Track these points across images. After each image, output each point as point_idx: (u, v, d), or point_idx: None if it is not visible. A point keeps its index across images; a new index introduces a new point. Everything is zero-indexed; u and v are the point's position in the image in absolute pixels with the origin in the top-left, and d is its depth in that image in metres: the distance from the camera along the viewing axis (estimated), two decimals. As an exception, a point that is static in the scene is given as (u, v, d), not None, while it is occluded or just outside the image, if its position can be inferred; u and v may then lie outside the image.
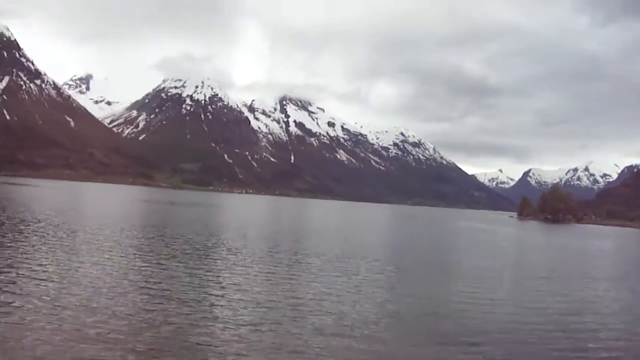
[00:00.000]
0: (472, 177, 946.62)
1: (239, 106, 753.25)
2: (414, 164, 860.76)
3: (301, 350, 18.26)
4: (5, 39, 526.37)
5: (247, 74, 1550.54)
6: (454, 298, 29.88)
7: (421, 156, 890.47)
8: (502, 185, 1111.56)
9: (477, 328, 23.02)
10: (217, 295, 25.63)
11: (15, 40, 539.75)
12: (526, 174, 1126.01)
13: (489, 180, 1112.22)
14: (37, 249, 34.83)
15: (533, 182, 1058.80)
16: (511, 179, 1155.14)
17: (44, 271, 27.69)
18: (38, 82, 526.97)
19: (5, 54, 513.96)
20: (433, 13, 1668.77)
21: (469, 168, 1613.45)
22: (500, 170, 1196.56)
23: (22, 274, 26.23)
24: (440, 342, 20.54)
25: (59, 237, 41.51)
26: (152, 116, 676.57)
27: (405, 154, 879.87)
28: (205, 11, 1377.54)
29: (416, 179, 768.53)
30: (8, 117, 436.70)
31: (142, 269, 31.32)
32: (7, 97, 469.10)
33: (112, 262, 32.56)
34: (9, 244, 36.07)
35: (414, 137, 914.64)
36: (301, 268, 36.80)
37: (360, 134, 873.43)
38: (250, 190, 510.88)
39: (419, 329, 22.67)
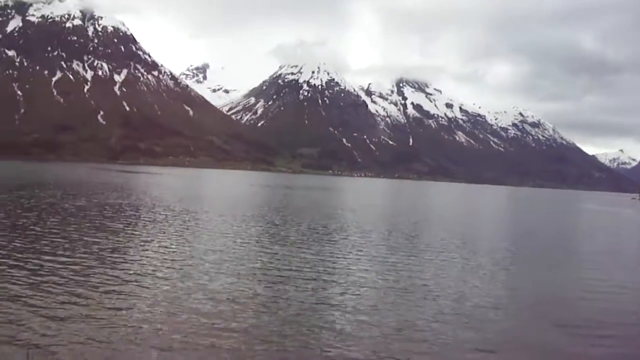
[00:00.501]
0: (593, 158, 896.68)
1: (356, 90, 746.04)
2: (533, 145, 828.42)
3: (420, 335, 18.31)
4: (121, 33, 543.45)
5: (363, 58, 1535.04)
6: (577, 284, 29.13)
7: (540, 137, 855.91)
8: (623, 166, 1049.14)
9: (603, 318, 22.04)
10: (336, 279, 26.25)
11: (131, 34, 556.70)
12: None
13: (610, 161, 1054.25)
14: (157, 235, 36.63)
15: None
16: (633, 159, 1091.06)
17: (164, 257, 28.82)
18: (155, 73, 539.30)
19: (123, 48, 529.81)
20: None
21: (589, 148, 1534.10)
22: (622, 151, 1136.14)
23: (142, 261, 27.47)
24: (565, 331, 20.08)
25: (180, 223, 43.58)
26: (270, 103, 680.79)
27: (525, 135, 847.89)
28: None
29: (536, 160, 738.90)
30: (128, 108, 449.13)
31: (260, 253, 32.08)
32: (126, 89, 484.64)
33: (232, 247, 33.79)
34: (130, 230, 38.13)
35: (532, 117, 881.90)
36: (419, 251, 36.88)
37: (479, 115, 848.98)
38: (369, 174, 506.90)
39: (540, 316, 22.05)
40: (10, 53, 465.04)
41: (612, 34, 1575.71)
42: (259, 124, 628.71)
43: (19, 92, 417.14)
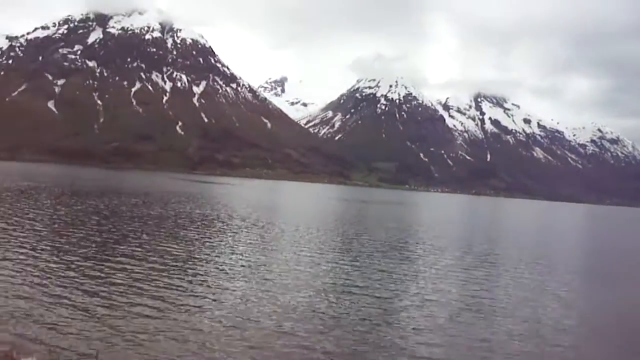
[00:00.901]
0: None
1: (434, 104, 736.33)
2: (612, 162, 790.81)
3: (492, 355, 18.58)
4: (200, 46, 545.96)
5: (440, 72, 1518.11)
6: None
7: (619, 153, 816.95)
8: None
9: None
10: (408, 296, 26.54)
11: (210, 46, 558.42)
12: None
13: None
14: (231, 246, 37.80)
15: None
16: None
17: (240, 266, 30.34)
18: (234, 85, 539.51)
19: (201, 60, 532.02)
20: (627, 2, 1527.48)
21: None
22: None
23: (214, 271, 28.46)
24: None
25: (255, 234, 44.84)
26: (347, 116, 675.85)
27: (603, 151, 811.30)
28: (395, 10, 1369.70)
29: (614, 177, 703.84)
30: (206, 120, 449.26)
31: (334, 267, 32.77)
32: (204, 101, 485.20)
33: (305, 259, 34.58)
34: (204, 240, 39.08)
35: (611, 133, 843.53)
36: (494, 269, 37.28)
37: (557, 131, 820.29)
38: (446, 189, 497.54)
39: (616, 341, 21.90)
40: (91, 64, 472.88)
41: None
42: (337, 138, 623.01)
43: (99, 102, 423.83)
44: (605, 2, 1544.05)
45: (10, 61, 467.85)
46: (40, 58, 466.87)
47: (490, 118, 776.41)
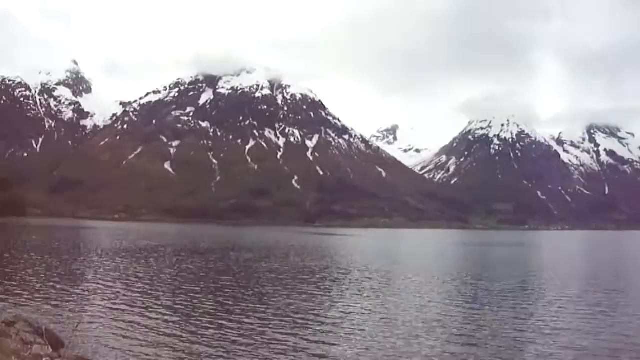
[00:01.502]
0: None
1: (547, 140, 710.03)
2: None
3: None
4: (310, 100, 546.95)
5: (551, 106, 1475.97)
6: None
7: None
8: None
9: None
10: (535, 342, 25.23)
11: (320, 100, 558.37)
12: None
13: None
14: (352, 297, 37.30)
15: None
16: None
17: (358, 320, 29.11)
18: (346, 137, 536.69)
19: (312, 114, 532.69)
20: None
21: None
22: None
23: (336, 325, 27.83)
24: None
25: (375, 284, 44.12)
26: (461, 159, 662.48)
27: None
28: (501, 49, 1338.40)
29: None
30: (321, 173, 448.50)
31: (455, 314, 31.63)
32: (318, 154, 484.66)
33: (428, 308, 33.44)
34: (324, 293, 39.04)
35: None
36: (622, 309, 34.89)
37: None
38: (566, 226, 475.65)
39: None
40: (204, 124, 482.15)
41: None
42: (452, 182, 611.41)
43: (214, 161, 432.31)
44: None
45: (125, 126, 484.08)
46: (154, 121, 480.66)
47: (605, 149, 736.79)
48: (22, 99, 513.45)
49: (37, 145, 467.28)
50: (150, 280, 42.57)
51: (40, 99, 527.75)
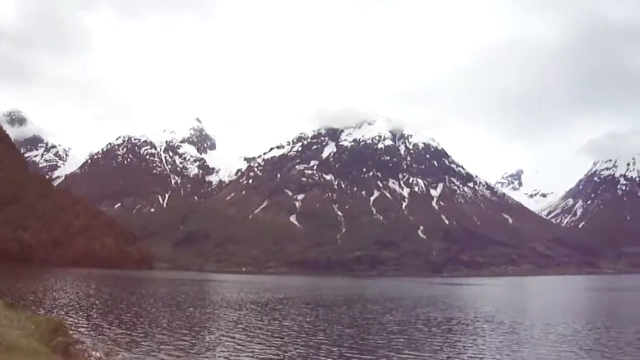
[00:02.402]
0: None
1: None
2: None
3: None
4: (432, 149, 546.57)
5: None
6: None
7: None
8: None
9: None
10: None
11: (442, 148, 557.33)
12: None
13: None
14: (479, 350, 35.80)
15: None
16: None
17: None
18: (471, 184, 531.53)
19: (436, 162, 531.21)
20: None
21: None
22: None
23: None
24: None
25: (501, 336, 42.28)
26: (588, 202, 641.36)
27: None
28: (621, 86, 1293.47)
29: None
30: (447, 222, 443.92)
31: None
32: (443, 202, 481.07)
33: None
34: (449, 346, 37.60)
35: None
36: None
37: None
38: None
39: None
40: (328, 177, 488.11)
41: None
42: (580, 225, 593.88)
43: (339, 213, 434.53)
44: None
45: (249, 181, 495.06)
46: (279, 175, 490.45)
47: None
48: (147, 157, 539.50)
49: (163, 201, 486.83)
50: (271, 332, 42.70)
51: (165, 156, 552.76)
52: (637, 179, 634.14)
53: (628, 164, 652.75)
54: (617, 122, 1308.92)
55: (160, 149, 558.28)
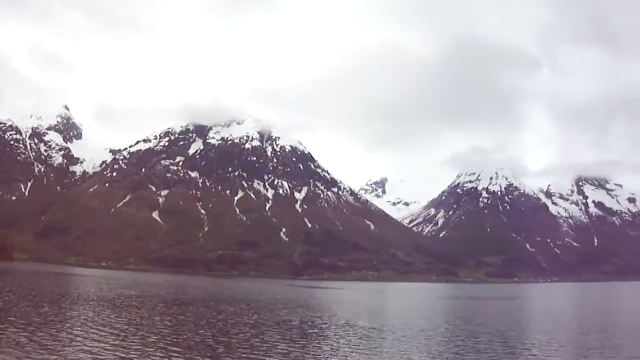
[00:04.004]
0: None
1: (536, 193, 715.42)
2: None
3: None
4: (299, 152, 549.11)
5: (539, 159, 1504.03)
6: None
7: None
8: None
9: None
10: None
11: (309, 153, 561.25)
12: None
13: None
14: (325, 352, 38.07)
15: None
16: None
17: None
18: (335, 190, 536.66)
19: (302, 166, 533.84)
20: None
21: None
22: None
23: None
24: None
25: (362, 339, 44.15)
26: (450, 213, 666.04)
27: None
28: (488, 103, 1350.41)
29: None
30: (310, 225, 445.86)
31: None
32: (307, 206, 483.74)
33: None
34: (299, 347, 39.28)
35: None
36: None
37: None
38: (555, 279, 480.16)
39: None
40: (194, 174, 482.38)
41: None
42: (441, 235, 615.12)
43: (202, 212, 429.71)
44: None
45: (114, 174, 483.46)
46: (144, 170, 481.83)
47: (593, 201, 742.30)
48: (12, 143, 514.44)
49: (25, 190, 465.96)
50: (122, 332, 42.08)
51: (30, 143, 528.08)
52: (498, 193, 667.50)
53: (491, 179, 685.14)
54: (482, 137, 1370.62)
55: (26, 136, 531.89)
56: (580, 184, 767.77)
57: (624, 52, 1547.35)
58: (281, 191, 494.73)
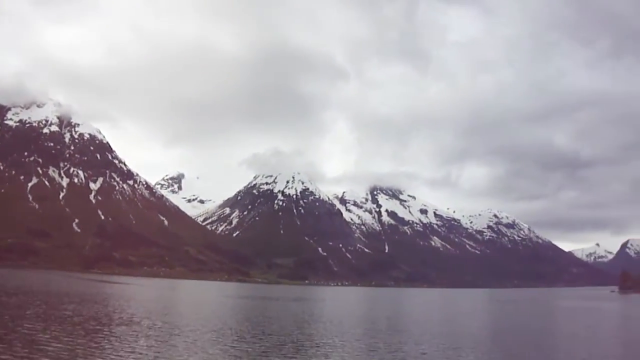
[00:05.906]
0: (569, 254, 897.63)
1: (331, 199, 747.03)
2: (509, 246, 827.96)
3: None
4: (97, 141, 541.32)
5: (337, 166, 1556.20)
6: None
7: (516, 237, 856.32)
8: (600, 260, 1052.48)
9: None
10: None
11: (107, 142, 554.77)
12: (624, 245, 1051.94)
13: (587, 256, 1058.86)
14: (130, 348, 37.09)
15: (632, 253, 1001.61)
16: (609, 252, 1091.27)
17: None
18: (131, 182, 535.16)
19: (99, 156, 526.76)
20: (517, 90, 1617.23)
21: (565, 245, 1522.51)
22: (598, 244, 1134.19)
23: None
24: None
25: (148, 338, 42.87)
26: (244, 213, 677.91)
27: (500, 236, 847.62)
28: (292, 107, 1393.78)
29: (513, 260, 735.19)
30: (103, 217, 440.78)
31: None
32: (101, 197, 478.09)
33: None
34: (98, 342, 38.95)
35: (507, 218, 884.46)
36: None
37: (453, 219, 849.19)
38: (346, 282, 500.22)
39: None
40: None
41: (585, 129, 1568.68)
42: (234, 234, 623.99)
43: None
44: (494, 91, 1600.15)
45: None
46: None
47: (387, 210, 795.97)
48: None
49: None
50: None
51: None
52: (294, 196, 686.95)
53: (287, 182, 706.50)
54: (282, 140, 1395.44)
55: None
56: (375, 192, 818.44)
57: (430, 71, 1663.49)
58: (76, 180, 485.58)
